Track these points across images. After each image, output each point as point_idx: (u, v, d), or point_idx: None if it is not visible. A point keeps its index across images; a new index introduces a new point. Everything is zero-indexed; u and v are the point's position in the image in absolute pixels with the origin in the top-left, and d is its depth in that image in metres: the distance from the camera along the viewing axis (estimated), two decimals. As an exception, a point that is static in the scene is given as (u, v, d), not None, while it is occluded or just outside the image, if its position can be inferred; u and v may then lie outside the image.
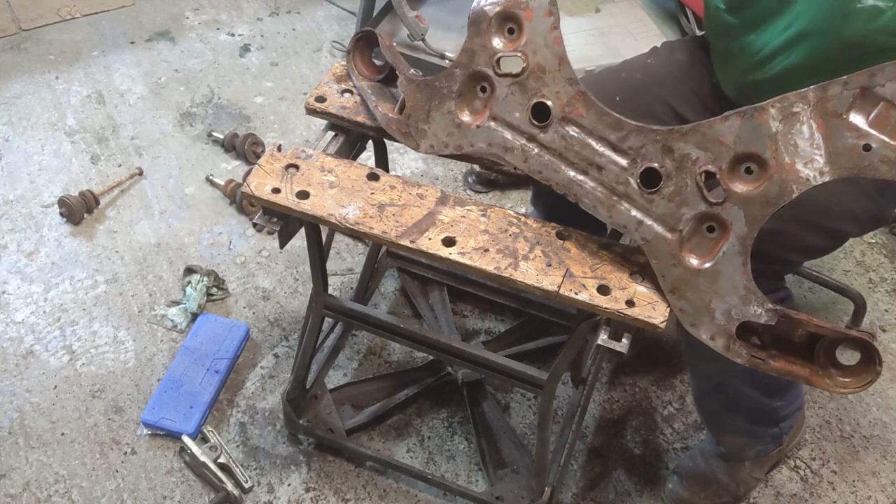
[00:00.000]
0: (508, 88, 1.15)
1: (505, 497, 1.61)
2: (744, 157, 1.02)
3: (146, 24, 2.81)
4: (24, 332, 1.92)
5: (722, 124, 1.03)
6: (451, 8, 2.84)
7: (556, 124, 1.13)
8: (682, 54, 1.53)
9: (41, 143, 2.37)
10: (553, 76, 1.13)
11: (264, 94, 2.58)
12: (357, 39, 1.37)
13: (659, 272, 1.08)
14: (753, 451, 1.67)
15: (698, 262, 1.07)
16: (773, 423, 1.61)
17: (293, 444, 1.76)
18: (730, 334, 1.04)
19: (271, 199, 1.21)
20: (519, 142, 1.16)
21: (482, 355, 1.44)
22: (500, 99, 1.16)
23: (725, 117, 1.03)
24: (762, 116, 1.01)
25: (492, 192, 2.33)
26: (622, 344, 1.12)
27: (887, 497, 1.77)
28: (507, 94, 1.15)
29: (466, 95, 1.19)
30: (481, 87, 1.18)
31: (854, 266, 2.22)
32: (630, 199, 1.10)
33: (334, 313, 1.53)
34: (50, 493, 1.66)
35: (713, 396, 1.57)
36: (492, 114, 1.17)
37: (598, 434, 1.82)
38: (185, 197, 2.25)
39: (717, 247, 1.05)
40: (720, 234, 1.05)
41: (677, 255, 1.07)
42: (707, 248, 1.06)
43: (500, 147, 1.17)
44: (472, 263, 1.14)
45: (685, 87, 1.49)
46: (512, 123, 1.16)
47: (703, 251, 1.06)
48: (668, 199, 1.07)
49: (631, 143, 1.09)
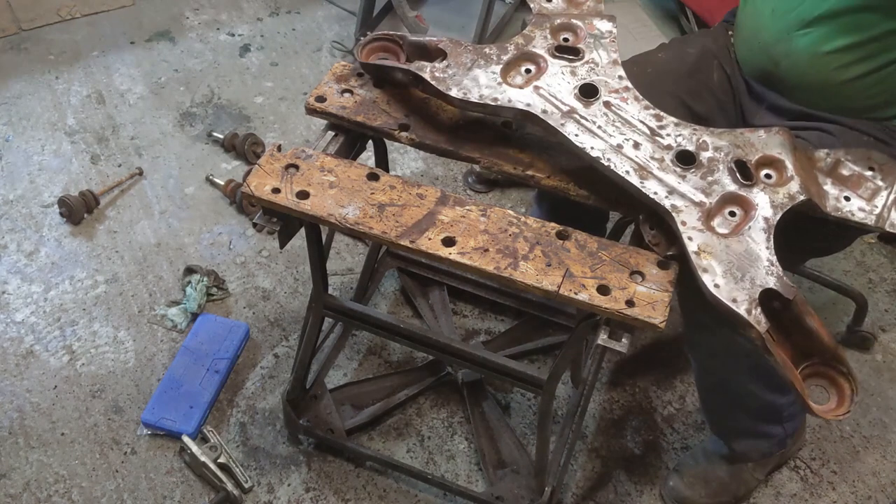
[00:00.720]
0: (560, 69, 1.28)
1: (505, 497, 1.61)
2: (770, 158, 1.18)
3: (146, 24, 2.81)
4: (24, 332, 1.92)
5: (752, 133, 1.21)
6: (451, 8, 2.85)
7: (600, 103, 1.24)
8: (693, 48, 1.55)
9: (41, 143, 2.37)
10: (605, 70, 1.28)
11: (264, 94, 2.58)
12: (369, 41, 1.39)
13: (686, 235, 1.11)
14: (759, 453, 1.67)
15: (726, 234, 1.12)
16: (778, 421, 1.60)
17: (293, 444, 1.76)
18: (753, 298, 1.05)
19: (271, 199, 1.21)
20: (560, 109, 1.23)
21: (482, 355, 1.44)
22: (548, 75, 1.27)
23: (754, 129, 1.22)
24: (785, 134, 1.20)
25: (492, 191, 2.33)
26: (622, 344, 1.13)
27: (887, 497, 1.77)
28: (558, 72, 1.28)
29: (513, 67, 1.29)
30: (526, 68, 1.29)
31: (854, 266, 2.22)
32: (664, 172, 1.17)
33: (334, 313, 1.53)
34: (50, 493, 1.66)
35: (717, 392, 1.57)
36: (536, 85, 1.26)
37: (598, 434, 1.82)
38: (185, 197, 2.25)
39: (741, 226, 1.12)
40: (742, 218, 1.13)
41: (706, 223, 1.12)
42: (731, 228, 1.13)
43: (538, 109, 1.23)
44: (472, 263, 1.14)
45: (695, 82, 1.51)
46: (556, 95, 1.24)
47: (728, 228, 1.13)
48: (700, 176, 1.16)
49: (669, 132, 1.21)
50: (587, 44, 1.32)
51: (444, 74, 1.27)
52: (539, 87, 1.25)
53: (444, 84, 1.26)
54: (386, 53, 1.37)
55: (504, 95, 1.24)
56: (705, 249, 1.10)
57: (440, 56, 1.30)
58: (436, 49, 1.32)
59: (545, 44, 1.31)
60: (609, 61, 1.30)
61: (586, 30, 1.34)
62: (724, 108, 1.52)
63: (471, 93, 1.25)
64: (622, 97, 1.25)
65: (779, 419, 1.60)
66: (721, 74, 1.51)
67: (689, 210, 1.13)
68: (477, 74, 1.27)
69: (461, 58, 1.29)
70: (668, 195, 1.14)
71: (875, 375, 1.98)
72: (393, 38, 1.36)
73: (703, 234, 1.11)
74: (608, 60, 1.30)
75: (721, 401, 1.59)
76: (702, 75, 1.51)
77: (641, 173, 1.16)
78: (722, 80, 1.51)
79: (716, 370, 1.52)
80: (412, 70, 1.29)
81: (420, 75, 1.28)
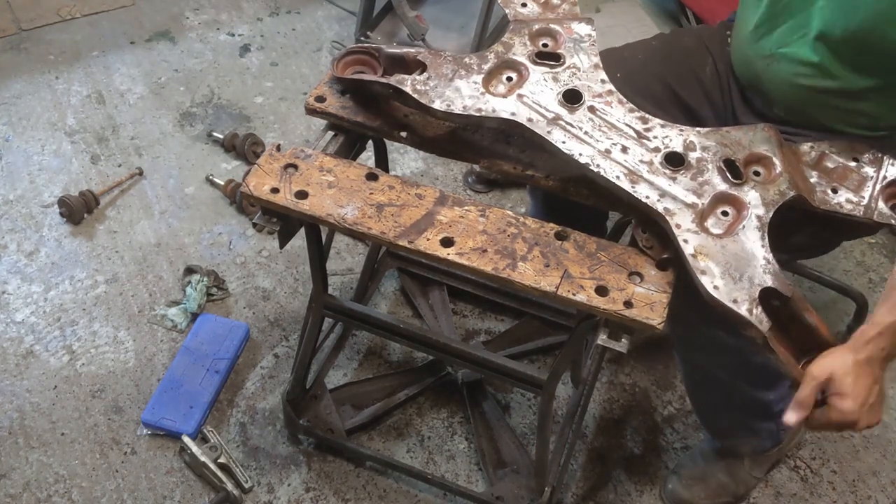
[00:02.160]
0: (542, 76, 1.26)
1: (505, 497, 1.61)
2: (757, 156, 1.18)
3: (146, 24, 2.81)
4: (24, 332, 1.92)
5: (738, 131, 1.21)
6: (451, 8, 2.84)
7: (585, 108, 1.23)
8: (689, 37, 1.54)
9: (41, 143, 2.37)
10: (587, 75, 1.27)
11: (264, 94, 2.58)
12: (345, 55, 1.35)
13: (682, 237, 1.10)
14: (750, 447, 1.66)
15: (720, 234, 1.11)
16: (768, 417, 1.60)
17: (293, 444, 1.76)
18: (753, 297, 1.05)
19: (270, 199, 1.21)
20: (545, 116, 1.22)
21: (482, 355, 1.44)
22: (530, 83, 1.25)
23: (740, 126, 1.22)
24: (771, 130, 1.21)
25: (492, 191, 2.33)
26: (622, 343, 1.13)
27: (887, 497, 1.77)
28: (540, 79, 1.26)
29: (494, 76, 1.27)
30: (508, 76, 1.27)
31: (854, 266, 2.22)
32: (654, 175, 1.16)
33: (334, 313, 1.53)
34: (50, 493, 1.66)
35: (705, 390, 1.57)
36: (519, 93, 1.24)
37: (598, 434, 1.82)
38: (185, 197, 2.25)
39: (734, 225, 1.12)
40: (734, 217, 1.13)
41: (700, 224, 1.12)
42: (724, 227, 1.13)
43: (523, 117, 1.21)
44: (471, 264, 1.14)
45: (685, 68, 1.49)
46: (539, 102, 1.23)
47: (722, 228, 1.13)
48: (691, 177, 1.16)
49: (656, 134, 1.20)
50: (567, 48, 1.31)
51: (425, 87, 1.25)
52: (522, 95, 1.24)
53: (426, 97, 1.23)
54: (362, 67, 1.34)
55: (488, 105, 1.22)
56: (702, 251, 1.09)
57: (420, 68, 1.28)
58: (415, 61, 1.29)
59: (525, 51, 1.30)
60: (590, 65, 1.28)
61: (565, 34, 1.33)
62: (711, 101, 1.49)
63: (454, 104, 1.22)
64: (606, 101, 1.24)
65: (770, 415, 1.59)
66: (713, 70, 1.49)
67: (682, 212, 1.13)
68: (459, 85, 1.25)
69: (441, 69, 1.27)
70: (659, 198, 1.14)
71: (875, 375, 1.97)
72: (369, 51, 1.33)
73: (698, 235, 1.11)
74: (590, 65, 1.29)
75: (709, 398, 1.59)
76: (693, 63, 1.49)
77: (632, 177, 1.16)
78: (713, 75, 1.49)
79: (702, 367, 1.51)
80: (392, 84, 1.25)
81: (401, 89, 1.24)
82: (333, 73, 1.32)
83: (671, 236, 1.11)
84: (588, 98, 1.24)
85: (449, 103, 1.23)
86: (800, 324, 1.07)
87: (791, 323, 1.08)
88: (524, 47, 1.30)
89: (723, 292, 1.06)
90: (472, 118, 1.23)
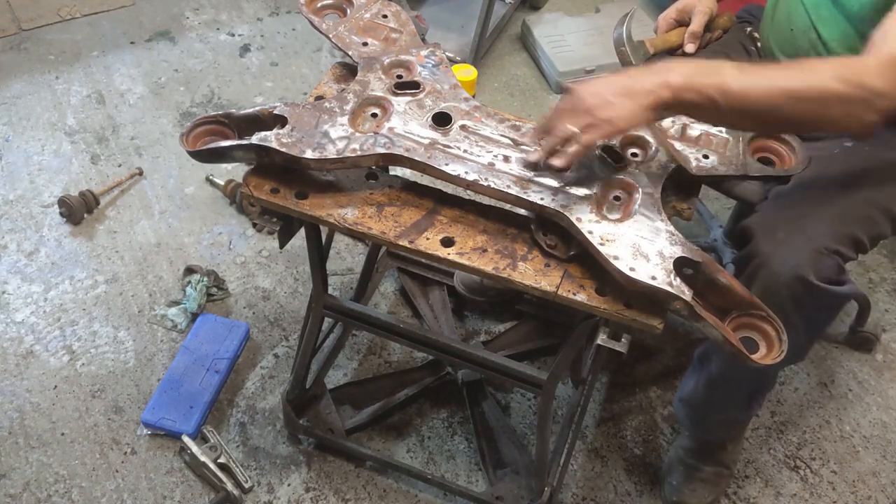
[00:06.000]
0: (406, 105, 1.27)
1: (505, 497, 1.61)
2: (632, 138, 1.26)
3: (146, 24, 2.81)
4: (24, 332, 1.92)
5: None
6: (451, 8, 2.85)
7: (457, 128, 1.25)
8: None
9: (41, 143, 2.37)
10: (449, 96, 1.29)
11: (264, 94, 2.58)
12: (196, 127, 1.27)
13: (585, 229, 1.12)
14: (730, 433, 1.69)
15: (619, 218, 1.15)
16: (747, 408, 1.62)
17: (293, 444, 1.76)
18: (669, 270, 1.07)
19: (270, 199, 1.21)
20: (420, 143, 1.22)
21: (482, 355, 1.44)
22: (396, 114, 1.26)
23: None
24: None
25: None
26: (622, 343, 1.13)
27: (887, 497, 1.77)
28: (405, 109, 1.27)
29: (358, 115, 1.27)
30: (372, 112, 1.27)
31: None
32: (541, 176, 1.19)
33: (334, 313, 1.53)
34: (50, 493, 1.66)
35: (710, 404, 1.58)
36: (389, 126, 1.24)
37: (598, 434, 1.82)
38: (185, 197, 2.25)
39: (630, 207, 1.16)
40: (627, 200, 1.17)
41: (599, 213, 1.14)
42: (621, 211, 1.16)
43: (400, 149, 1.21)
44: (471, 264, 1.14)
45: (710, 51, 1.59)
46: (412, 131, 1.24)
47: (619, 213, 1.16)
48: (576, 171, 1.19)
49: (532, 138, 1.23)
50: (422, 76, 1.32)
51: (291, 139, 1.19)
52: (393, 128, 1.23)
53: (296, 149, 1.17)
54: (214, 136, 1.25)
55: (362, 145, 1.20)
56: (608, 238, 1.11)
57: (279, 122, 1.22)
58: (270, 116, 1.24)
59: (382, 85, 1.30)
60: (450, 86, 1.31)
61: (416, 62, 1.34)
62: None
63: (327, 150, 1.18)
64: (475, 118, 1.26)
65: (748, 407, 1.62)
66: None
67: (578, 206, 1.15)
68: (326, 130, 1.21)
69: (303, 118, 1.22)
70: (553, 198, 1.15)
71: (875, 375, 1.98)
72: (217, 119, 1.26)
73: (599, 224, 1.13)
74: (449, 86, 1.31)
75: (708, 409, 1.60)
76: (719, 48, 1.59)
77: (521, 184, 1.18)
78: None
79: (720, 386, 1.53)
80: (255, 144, 1.18)
81: (267, 146, 1.18)
82: (184, 149, 1.22)
83: (573, 231, 1.13)
84: (457, 118, 1.26)
85: (322, 150, 1.18)
86: (715, 286, 1.10)
87: (706, 288, 1.10)
88: (380, 81, 1.31)
89: (640, 272, 1.07)
90: (348, 160, 1.19)
